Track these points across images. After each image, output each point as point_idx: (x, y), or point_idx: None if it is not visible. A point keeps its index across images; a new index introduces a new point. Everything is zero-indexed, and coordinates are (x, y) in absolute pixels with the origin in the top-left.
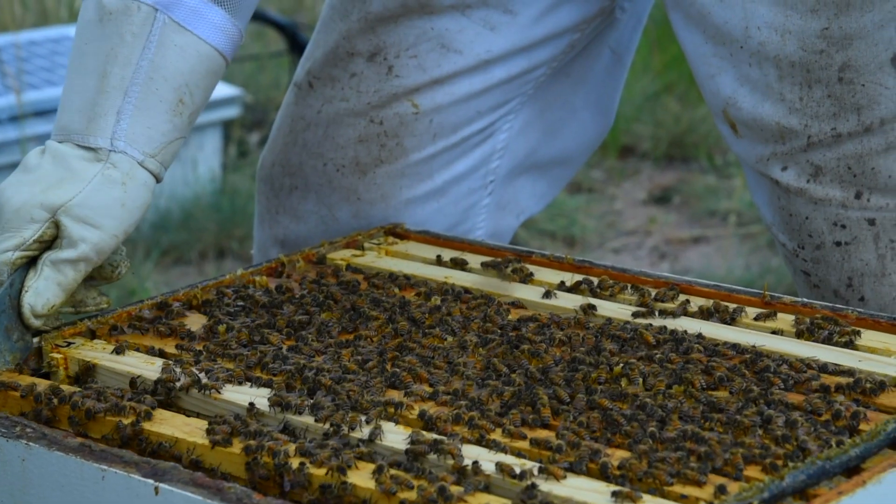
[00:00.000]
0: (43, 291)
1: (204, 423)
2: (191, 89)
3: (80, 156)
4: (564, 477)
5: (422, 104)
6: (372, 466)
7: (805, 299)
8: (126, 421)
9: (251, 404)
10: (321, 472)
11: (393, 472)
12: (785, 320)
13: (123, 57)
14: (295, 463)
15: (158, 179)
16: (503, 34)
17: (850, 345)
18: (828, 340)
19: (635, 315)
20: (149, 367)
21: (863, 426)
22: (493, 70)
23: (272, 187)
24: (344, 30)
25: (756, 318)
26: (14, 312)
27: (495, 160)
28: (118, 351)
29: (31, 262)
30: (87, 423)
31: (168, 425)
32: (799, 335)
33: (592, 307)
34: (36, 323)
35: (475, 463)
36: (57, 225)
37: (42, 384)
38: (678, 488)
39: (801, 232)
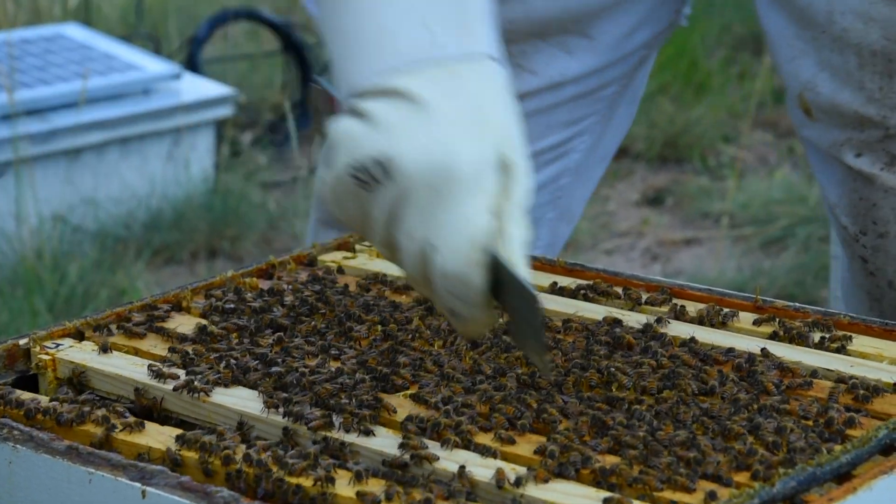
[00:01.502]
0: (520, 257)
1: (178, 431)
2: None
3: (471, 75)
4: (548, 481)
5: None
6: (350, 474)
7: (797, 304)
8: (98, 430)
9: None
10: (299, 480)
11: (374, 480)
12: (777, 325)
13: None
14: (274, 471)
15: None
16: (579, 58)
17: (841, 350)
18: (820, 346)
19: (626, 320)
20: (137, 370)
21: (854, 432)
22: (566, 90)
23: None
24: None
25: (755, 324)
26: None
27: (565, 178)
28: (104, 351)
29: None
30: (60, 430)
31: (142, 434)
32: (791, 340)
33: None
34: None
35: (461, 468)
36: (502, 168)
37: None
38: (668, 494)
39: (867, 218)
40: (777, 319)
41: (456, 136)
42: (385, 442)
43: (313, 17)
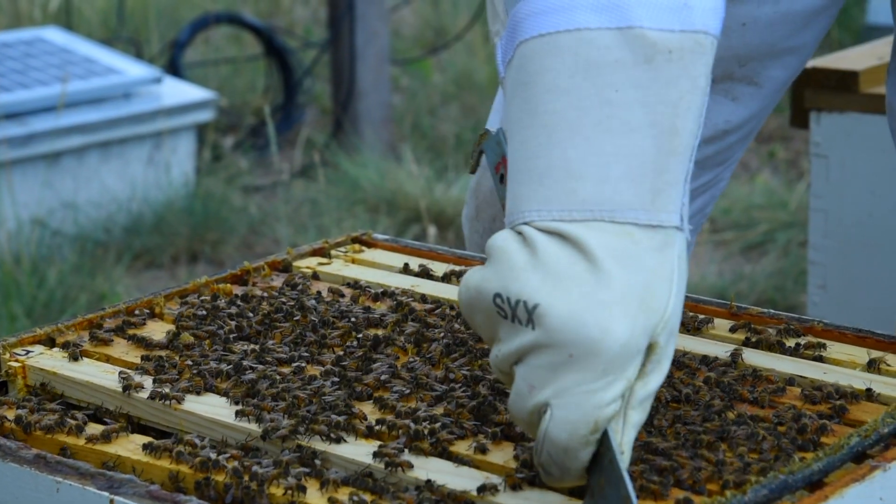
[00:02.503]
0: (629, 444)
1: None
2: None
3: (648, 244)
4: (518, 488)
5: None
6: (318, 482)
7: (772, 311)
8: (66, 439)
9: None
10: (270, 489)
11: (344, 489)
12: (750, 331)
13: (698, 108)
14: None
15: None
16: (745, 104)
17: (819, 358)
18: (794, 352)
19: None
20: (108, 377)
21: (827, 440)
22: (729, 137)
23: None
24: None
25: (730, 330)
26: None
27: (710, 206)
28: (75, 358)
29: None
30: (29, 439)
31: (110, 444)
32: (764, 347)
33: None
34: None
35: (428, 482)
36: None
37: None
38: (640, 502)
39: None
40: (751, 326)
41: (615, 312)
42: (357, 450)
43: (500, 78)
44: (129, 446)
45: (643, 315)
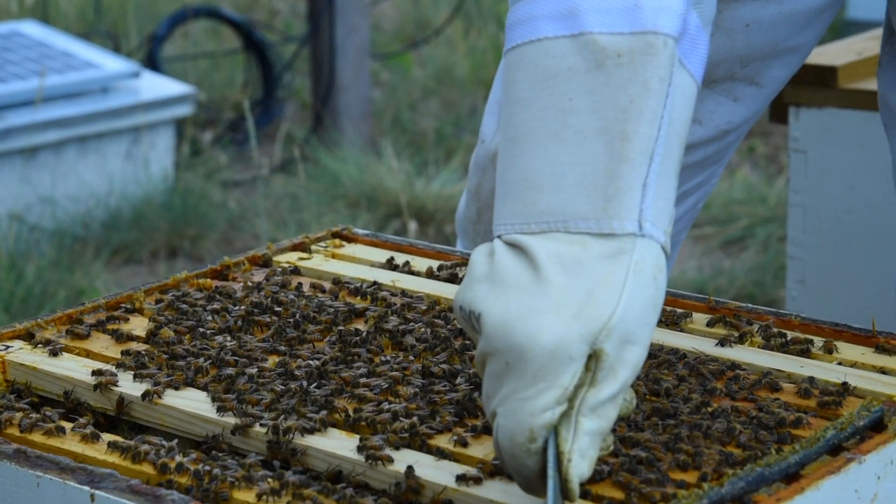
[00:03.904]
0: (587, 450)
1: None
2: (684, 141)
3: (598, 252)
4: (493, 475)
5: None
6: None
7: (750, 305)
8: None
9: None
10: (231, 491)
11: (307, 491)
12: (729, 326)
13: (651, 111)
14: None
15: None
16: (746, 104)
17: (805, 353)
18: (771, 346)
19: None
20: (87, 373)
21: (803, 433)
22: (728, 137)
23: None
24: None
25: (708, 325)
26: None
27: (701, 202)
28: (55, 353)
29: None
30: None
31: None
32: (742, 341)
33: None
34: (577, 494)
35: (409, 468)
36: (591, 356)
37: None
38: (618, 494)
39: None
40: (729, 320)
41: (546, 319)
42: (338, 444)
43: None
44: (99, 446)
45: (579, 322)
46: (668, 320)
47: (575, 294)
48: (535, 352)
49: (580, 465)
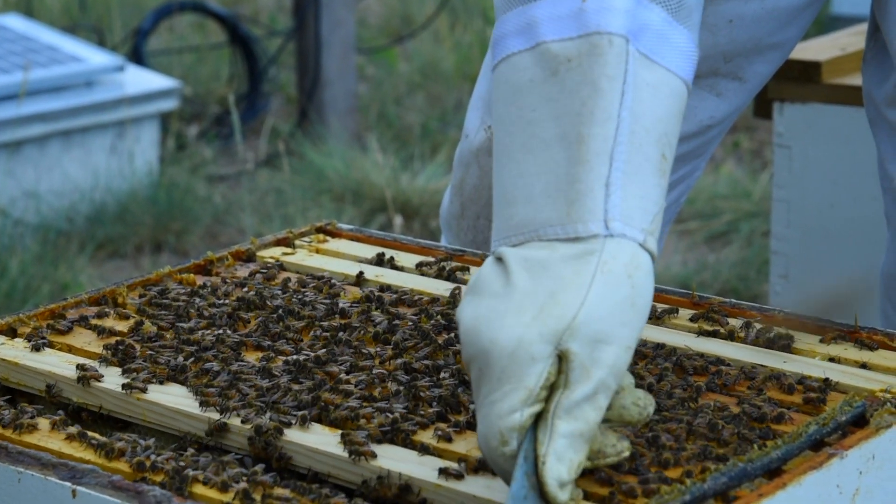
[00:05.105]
0: (564, 452)
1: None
2: (669, 139)
3: (564, 254)
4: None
5: None
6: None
7: (733, 300)
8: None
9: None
10: (202, 491)
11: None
12: (712, 321)
13: (602, 111)
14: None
15: (654, 260)
16: (729, 99)
17: (786, 348)
18: (754, 341)
19: None
20: (69, 368)
21: (785, 428)
22: (711, 132)
23: None
24: None
25: (691, 320)
26: (537, 493)
27: (685, 195)
28: (37, 349)
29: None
30: None
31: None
32: (726, 336)
33: None
34: (563, 498)
35: (389, 473)
36: (560, 357)
37: None
38: (601, 490)
39: None
40: (712, 315)
41: (506, 322)
42: (321, 439)
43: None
44: (75, 443)
45: (539, 323)
46: (651, 315)
47: (537, 296)
48: (496, 354)
49: (556, 468)
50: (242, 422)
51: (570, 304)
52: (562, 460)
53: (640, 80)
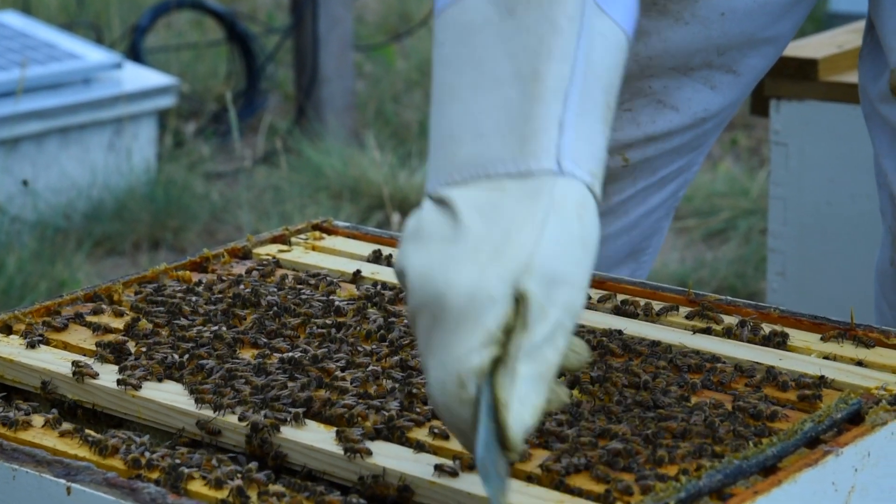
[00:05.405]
0: (527, 396)
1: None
2: (614, 90)
3: (515, 193)
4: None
5: (632, 158)
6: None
7: (729, 297)
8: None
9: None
10: (196, 488)
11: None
12: (708, 319)
13: (560, 49)
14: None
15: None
16: (723, 93)
17: (781, 345)
18: (751, 339)
19: None
20: (64, 365)
21: (780, 425)
22: (706, 124)
23: None
24: None
25: (687, 317)
26: (497, 440)
27: (682, 190)
28: (32, 346)
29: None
30: None
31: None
32: (722, 333)
33: None
34: (522, 445)
35: (384, 470)
36: (517, 298)
37: None
38: (597, 488)
39: None
40: (708, 312)
41: (461, 263)
42: (316, 436)
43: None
44: (70, 440)
45: (496, 264)
46: (649, 312)
47: (492, 237)
48: (453, 298)
49: (520, 412)
50: (239, 419)
51: (525, 243)
52: (524, 404)
53: (592, 28)
